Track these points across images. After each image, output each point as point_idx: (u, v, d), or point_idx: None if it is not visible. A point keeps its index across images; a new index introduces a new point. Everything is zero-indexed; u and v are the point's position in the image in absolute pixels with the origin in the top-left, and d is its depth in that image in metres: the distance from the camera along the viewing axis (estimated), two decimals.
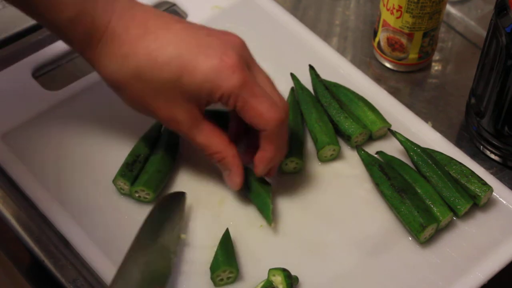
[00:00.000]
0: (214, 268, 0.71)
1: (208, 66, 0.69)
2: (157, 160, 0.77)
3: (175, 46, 0.69)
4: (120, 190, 0.77)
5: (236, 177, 0.75)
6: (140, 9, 0.71)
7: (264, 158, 0.74)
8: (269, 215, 0.75)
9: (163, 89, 0.70)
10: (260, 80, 0.72)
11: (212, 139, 0.73)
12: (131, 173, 0.77)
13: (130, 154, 0.78)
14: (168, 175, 0.78)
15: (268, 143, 0.72)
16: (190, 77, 0.69)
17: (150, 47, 0.69)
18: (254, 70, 0.73)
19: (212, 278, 0.71)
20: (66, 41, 0.72)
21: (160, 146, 0.79)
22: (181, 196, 0.76)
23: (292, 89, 0.85)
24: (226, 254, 0.72)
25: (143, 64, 0.69)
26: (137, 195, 0.76)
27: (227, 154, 0.74)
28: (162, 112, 0.71)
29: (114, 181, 0.77)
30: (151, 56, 0.69)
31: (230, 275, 0.72)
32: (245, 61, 0.71)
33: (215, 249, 0.72)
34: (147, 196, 0.76)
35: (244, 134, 0.77)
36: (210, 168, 0.79)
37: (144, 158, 0.78)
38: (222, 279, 0.72)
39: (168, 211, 0.74)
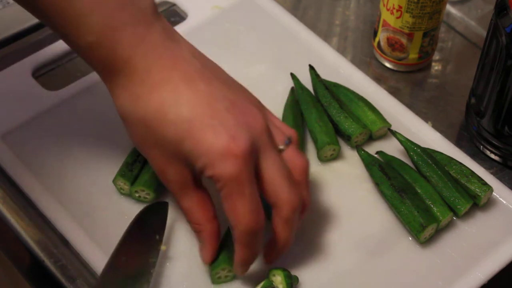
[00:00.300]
0: (214, 265, 0.71)
1: (212, 143, 0.64)
2: None
3: (189, 108, 0.65)
4: (120, 190, 0.77)
5: (206, 253, 0.71)
6: (170, 51, 0.67)
7: (236, 259, 0.70)
8: None
9: (162, 145, 0.67)
10: (268, 171, 0.67)
11: (195, 209, 0.70)
12: (131, 173, 0.77)
13: (130, 154, 0.78)
14: None
15: (236, 245, 0.69)
16: (191, 145, 0.65)
17: (164, 100, 0.65)
18: (266, 157, 0.67)
19: (211, 276, 0.71)
20: (88, 64, 0.68)
21: None
22: (163, 206, 0.75)
23: (292, 89, 0.85)
24: (227, 252, 0.72)
25: (151, 113, 0.65)
26: (137, 195, 0.76)
27: (206, 229, 0.70)
28: (156, 163, 0.69)
29: (114, 181, 0.77)
30: (161, 110, 0.65)
31: (229, 274, 0.72)
32: (257, 149, 0.66)
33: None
34: (147, 196, 0.76)
35: None
36: None
37: (144, 158, 0.78)
38: (220, 277, 0.72)
39: (149, 222, 0.73)
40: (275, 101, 0.84)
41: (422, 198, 0.76)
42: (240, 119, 0.66)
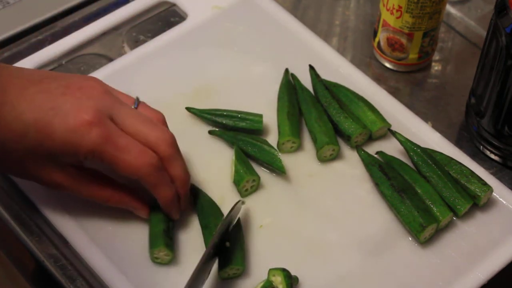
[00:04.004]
0: (239, 181, 0.77)
1: (64, 128, 0.67)
2: None
3: (30, 113, 0.67)
4: (155, 260, 0.73)
5: (138, 211, 0.74)
6: (3, 76, 0.69)
7: (163, 206, 0.73)
8: (281, 165, 0.78)
9: (31, 157, 0.69)
10: (128, 125, 0.70)
11: (98, 191, 0.72)
12: (171, 240, 0.74)
13: (160, 221, 0.74)
14: None
15: (153, 190, 0.71)
16: (50, 142, 0.68)
17: (8, 119, 0.67)
18: (120, 116, 0.70)
19: (239, 190, 0.77)
20: None
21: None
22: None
23: (286, 70, 0.86)
24: (245, 166, 0.77)
25: (4, 137, 0.67)
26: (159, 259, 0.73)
27: (118, 197, 0.73)
28: (40, 177, 0.71)
29: (153, 250, 0.72)
30: (9, 128, 0.67)
31: (253, 184, 0.77)
32: (106, 110, 0.69)
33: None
34: (166, 257, 0.73)
35: None
36: (210, 168, 0.79)
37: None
38: (247, 189, 0.77)
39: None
40: (274, 101, 0.84)
41: (422, 198, 0.76)
42: (77, 95, 0.69)
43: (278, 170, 0.79)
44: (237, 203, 0.74)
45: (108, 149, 0.68)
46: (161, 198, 0.72)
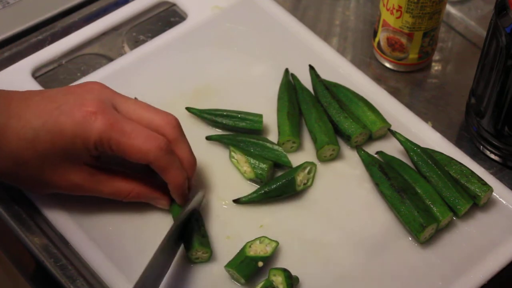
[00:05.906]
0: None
1: (71, 123, 0.69)
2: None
3: (36, 118, 0.69)
4: (195, 260, 0.73)
5: (159, 202, 0.75)
6: (4, 94, 0.71)
7: (173, 190, 0.73)
8: (287, 159, 0.79)
9: (47, 162, 0.70)
10: (132, 113, 0.72)
11: (116, 185, 0.73)
12: (205, 239, 0.74)
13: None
14: None
15: (163, 173, 0.72)
16: (60, 139, 0.69)
17: (16, 129, 0.69)
18: (122, 105, 0.72)
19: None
20: None
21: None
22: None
23: (286, 70, 0.86)
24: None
25: (16, 148, 0.69)
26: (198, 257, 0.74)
27: (138, 189, 0.74)
28: (58, 183, 0.72)
29: (191, 252, 0.72)
30: (20, 137, 0.69)
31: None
32: (109, 101, 0.71)
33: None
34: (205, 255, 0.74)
35: None
36: (209, 169, 0.79)
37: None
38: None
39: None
40: (274, 101, 0.84)
41: (422, 198, 0.76)
42: (78, 92, 0.71)
43: (285, 165, 0.79)
44: (197, 194, 0.74)
45: (115, 135, 0.69)
46: (171, 182, 0.72)
